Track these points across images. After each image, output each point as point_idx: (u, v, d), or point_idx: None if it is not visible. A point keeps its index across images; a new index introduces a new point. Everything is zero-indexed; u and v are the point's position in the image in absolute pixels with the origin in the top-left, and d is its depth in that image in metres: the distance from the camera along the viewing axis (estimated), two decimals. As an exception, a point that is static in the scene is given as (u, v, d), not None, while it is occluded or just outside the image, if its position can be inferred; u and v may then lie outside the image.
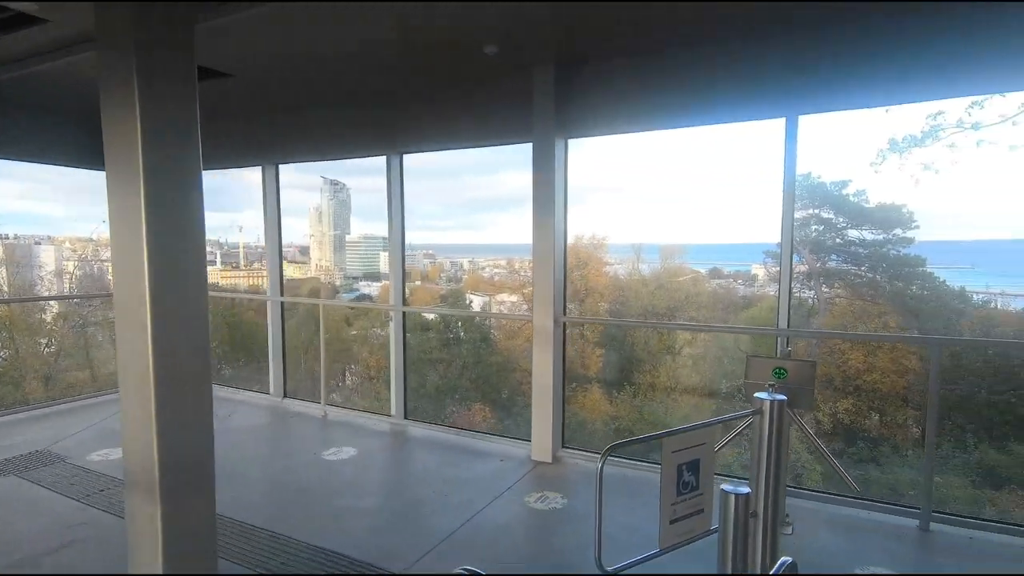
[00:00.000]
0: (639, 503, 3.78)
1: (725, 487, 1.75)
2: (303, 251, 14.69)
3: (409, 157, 5.38)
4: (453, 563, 3.03)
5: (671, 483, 2.36)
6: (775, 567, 1.54)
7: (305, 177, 14.28)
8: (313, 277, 14.50)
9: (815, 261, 9.89)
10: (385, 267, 14.04)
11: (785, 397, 2.52)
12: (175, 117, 2.43)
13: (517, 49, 4.02)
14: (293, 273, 14.02)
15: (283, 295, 6.37)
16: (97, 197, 6.41)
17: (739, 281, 11.33)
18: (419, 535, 3.38)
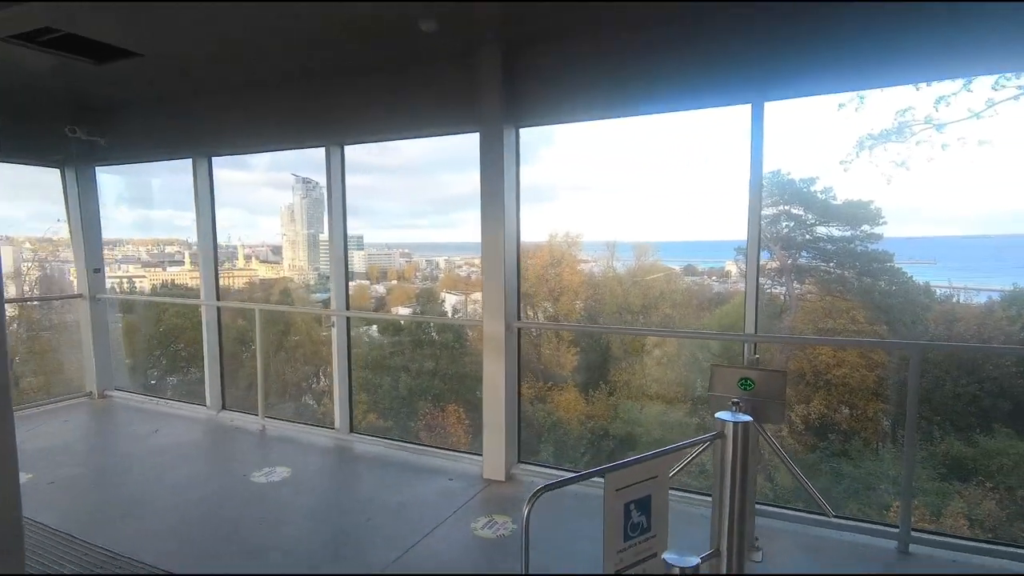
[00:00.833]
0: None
1: (668, 557, 1.39)
2: (275, 251, 14.14)
3: (386, 155, 5.07)
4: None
5: (616, 527, 1.96)
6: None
7: (277, 175, 13.67)
8: (286, 277, 13.98)
9: (786, 257, 9.77)
10: (360, 267, 13.59)
11: (751, 418, 2.18)
12: None
13: (459, 28, 3.62)
14: (266, 273, 13.54)
15: (219, 299, 5.85)
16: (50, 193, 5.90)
17: (713, 278, 11.21)
18: (343, 572, 2.97)
